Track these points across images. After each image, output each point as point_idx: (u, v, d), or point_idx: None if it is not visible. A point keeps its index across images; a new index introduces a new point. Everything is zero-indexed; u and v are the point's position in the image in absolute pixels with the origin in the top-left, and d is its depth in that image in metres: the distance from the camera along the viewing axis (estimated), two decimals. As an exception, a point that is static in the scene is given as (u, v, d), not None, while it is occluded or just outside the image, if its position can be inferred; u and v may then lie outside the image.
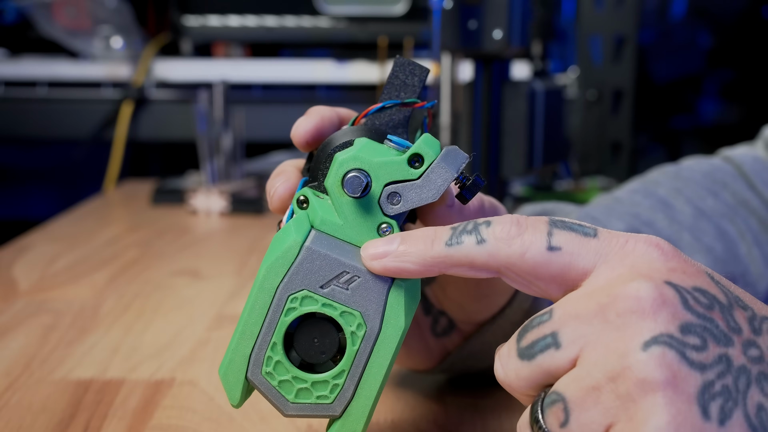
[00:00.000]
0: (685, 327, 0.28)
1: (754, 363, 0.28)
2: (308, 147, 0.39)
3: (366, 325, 0.34)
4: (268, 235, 0.88)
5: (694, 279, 0.30)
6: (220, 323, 0.61)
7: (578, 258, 0.31)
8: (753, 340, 0.29)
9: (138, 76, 1.29)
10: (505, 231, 0.31)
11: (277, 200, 0.38)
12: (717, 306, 0.29)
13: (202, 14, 1.33)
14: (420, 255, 0.33)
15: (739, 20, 1.62)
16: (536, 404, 0.30)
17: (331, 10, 1.30)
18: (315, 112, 0.39)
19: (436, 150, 0.35)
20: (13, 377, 0.50)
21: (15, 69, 1.32)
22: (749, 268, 0.55)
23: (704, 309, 0.29)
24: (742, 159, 0.59)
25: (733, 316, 0.29)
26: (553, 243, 0.31)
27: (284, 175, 0.39)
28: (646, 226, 0.54)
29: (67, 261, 0.78)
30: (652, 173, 0.61)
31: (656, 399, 0.27)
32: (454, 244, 0.32)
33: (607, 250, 0.31)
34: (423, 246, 0.33)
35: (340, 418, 0.35)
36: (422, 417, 0.45)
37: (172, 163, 1.52)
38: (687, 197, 0.56)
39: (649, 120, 1.55)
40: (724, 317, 0.29)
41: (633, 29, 1.19)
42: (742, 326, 0.29)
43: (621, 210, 0.56)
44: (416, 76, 0.38)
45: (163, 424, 0.44)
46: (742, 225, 0.55)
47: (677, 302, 0.29)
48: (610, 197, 0.59)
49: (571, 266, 0.31)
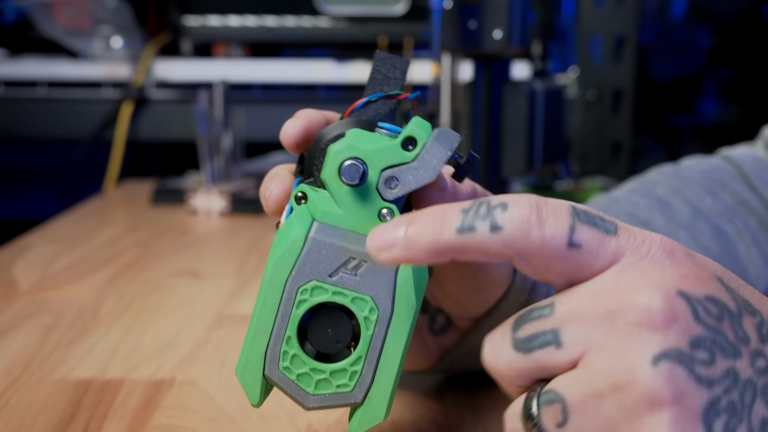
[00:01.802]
0: (695, 341, 0.28)
1: (760, 375, 0.28)
2: (298, 148, 0.39)
3: (378, 309, 0.34)
4: (268, 235, 0.88)
5: (707, 286, 0.29)
6: (220, 323, 0.61)
7: (596, 258, 0.29)
8: (760, 350, 0.29)
9: (138, 76, 1.29)
10: (524, 218, 0.29)
11: (272, 202, 0.38)
12: (727, 316, 0.29)
13: (202, 14, 1.33)
14: (430, 242, 0.30)
15: (739, 20, 1.62)
16: (530, 399, 0.29)
17: (331, 10, 1.30)
18: (302, 114, 0.39)
19: (428, 131, 0.35)
20: (13, 377, 0.50)
21: (15, 69, 1.32)
22: (747, 268, 0.55)
23: (714, 321, 0.28)
24: (741, 159, 0.59)
25: (742, 325, 0.29)
26: (575, 239, 0.29)
27: (278, 177, 0.39)
28: (643, 226, 0.54)
29: (67, 261, 0.78)
30: (650, 173, 0.61)
31: (662, 416, 0.27)
32: (465, 231, 0.30)
33: (623, 249, 0.30)
34: (431, 232, 0.30)
35: (362, 405, 0.35)
36: (422, 417, 0.45)
37: (172, 163, 1.52)
38: (685, 197, 0.56)
39: (649, 120, 1.55)
40: (734, 327, 0.29)
41: (633, 29, 1.19)
42: (750, 335, 0.29)
43: (618, 210, 0.56)
44: (398, 69, 0.38)
45: (163, 424, 0.44)
46: (741, 225, 0.55)
47: (688, 315, 0.28)
48: (607, 197, 0.59)
49: (587, 264, 0.30)
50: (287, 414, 0.45)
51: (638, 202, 0.56)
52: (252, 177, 1.11)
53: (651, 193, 0.57)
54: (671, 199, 0.56)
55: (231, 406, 0.46)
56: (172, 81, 1.33)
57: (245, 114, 1.08)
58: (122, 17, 1.33)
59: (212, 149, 1.03)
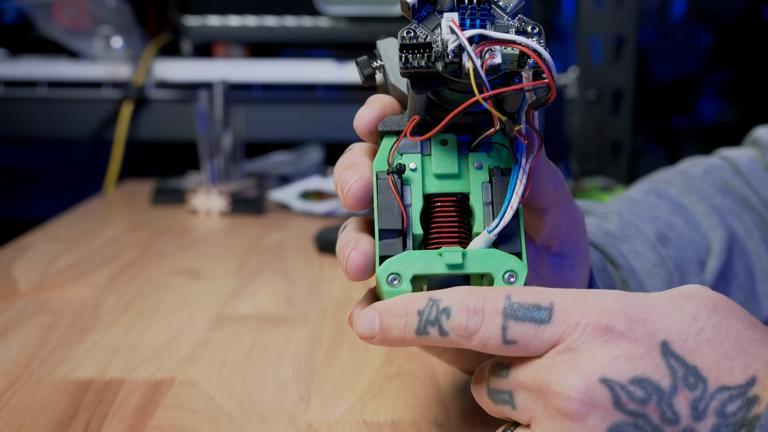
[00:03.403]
0: (613, 429, 0.29)
1: None
2: (372, 136, 0.38)
3: None
4: (269, 235, 0.88)
5: (639, 364, 0.30)
6: (220, 323, 0.61)
7: (532, 349, 0.31)
8: (690, 428, 0.29)
9: (138, 76, 1.29)
10: (461, 326, 0.32)
11: (351, 198, 0.36)
12: (654, 397, 0.29)
13: (202, 14, 1.33)
14: (399, 340, 0.34)
15: (739, 20, 1.62)
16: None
17: (331, 10, 1.30)
18: (376, 99, 0.38)
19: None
20: (13, 377, 0.50)
21: (15, 69, 1.32)
22: (755, 267, 0.55)
23: (637, 405, 0.29)
24: (738, 158, 0.59)
25: (672, 405, 0.29)
26: (508, 337, 0.31)
27: (356, 168, 0.37)
28: (667, 229, 0.54)
29: (67, 261, 0.78)
30: (658, 173, 0.61)
31: None
32: (421, 334, 0.33)
33: (558, 334, 0.31)
34: (399, 333, 0.33)
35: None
36: (422, 417, 0.45)
37: (172, 163, 1.52)
38: (699, 196, 0.56)
39: (649, 120, 1.55)
40: (660, 409, 0.29)
41: (633, 29, 1.19)
42: (680, 414, 0.29)
43: (641, 212, 0.55)
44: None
45: (163, 424, 0.44)
46: (750, 223, 0.56)
47: (608, 403, 0.29)
48: (626, 198, 0.58)
49: (527, 352, 0.32)
50: (287, 414, 0.45)
51: (659, 205, 0.56)
52: (252, 177, 1.11)
53: (667, 195, 0.57)
54: (685, 199, 0.56)
55: (231, 406, 0.46)
56: (172, 81, 1.33)
57: (245, 114, 1.09)
58: (122, 17, 1.33)
59: (212, 149, 1.04)
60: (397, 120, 0.37)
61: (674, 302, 0.31)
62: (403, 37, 0.32)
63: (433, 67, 0.32)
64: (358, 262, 0.35)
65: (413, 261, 0.34)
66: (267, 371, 0.51)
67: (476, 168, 0.36)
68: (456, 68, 0.32)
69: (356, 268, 0.35)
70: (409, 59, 0.32)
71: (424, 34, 0.32)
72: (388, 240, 0.35)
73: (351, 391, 0.48)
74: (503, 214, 0.34)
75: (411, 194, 0.35)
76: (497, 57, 0.31)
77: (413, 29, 0.32)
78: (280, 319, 0.62)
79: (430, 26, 0.33)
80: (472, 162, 0.36)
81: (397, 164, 0.35)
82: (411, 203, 0.35)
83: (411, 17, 0.33)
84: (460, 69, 0.32)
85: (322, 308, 0.64)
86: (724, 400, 0.29)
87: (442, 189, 0.36)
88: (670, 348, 0.30)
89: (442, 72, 0.32)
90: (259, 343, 0.56)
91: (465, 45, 0.31)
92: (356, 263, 0.35)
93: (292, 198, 1.04)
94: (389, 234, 0.35)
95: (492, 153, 0.36)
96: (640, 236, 0.52)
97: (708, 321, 0.31)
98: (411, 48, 0.32)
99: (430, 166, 0.36)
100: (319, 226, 0.89)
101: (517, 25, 0.32)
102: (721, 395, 0.30)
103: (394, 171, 0.35)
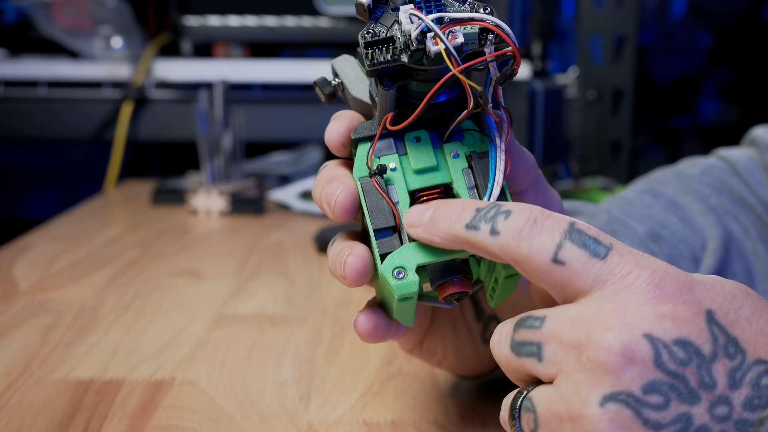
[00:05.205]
0: (649, 386, 0.29)
1: (718, 422, 0.29)
2: (344, 149, 0.38)
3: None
4: (269, 235, 0.88)
5: (684, 326, 0.29)
6: (220, 323, 0.61)
7: (577, 279, 0.31)
8: (725, 396, 0.29)
9: (138, 76, 1.29)
10: (518, 228, 0.31)
11: (339, 208, 0.36)
12: (695, 360, 0.29)
13: (202, 14, 1.33)
14: (444, 230, 0.33)
15: (739, 20, 1.62)
16: (516, 400, 0.32)
17: (331, 10, 1.30)
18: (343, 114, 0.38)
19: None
20: (13, 377, 0.50)
21: (15, 69, 1.32)
22: (753, 266, 0.55)
23: (677, 365, 0.29)
24: (735, 158, 0.59)
25: (710, 371, 0.29)
26: (559, 256, 0.31)
27: (337, 180, 0.37)
28: (660, 227, 0.54)
29: (67, 261, 0.78)
30: (654, 173, 0.61)
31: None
32: (471, 229, 0.32)
33: (607, 276, 0.30)
34: (447, 222, 0.33)
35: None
36: (422, 417, 0.45)
37: (172, 163, 1.52)
38: (695, 195, 0.56)
39: (649, 120, 1.55)
40: (699, 373, 0.29)
41: (633, 29, 1.19)
42: (718, 381, 0.29)
43: (634, 211, 0.55)
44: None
45: (163, 424, 0.44)
46: (747, 222, 0.56)
47: (648, 359, 0.29)
48: (620, 198, 0.58)
49: (569, 283, 0.31)
50: (287, 414, 0.45)
51: (653, 204, 0.56)
52: (252, 177, 1.11)
53: (662, 194, 0.57)
54: (681, 198, 0.56)
55: (231, 406, 0.46)
56: (172, 81, 1.32)
57: (245, 114, 1.08)
58: (122, 17, 1.33)
59: (212, 149, 1.04)
60: (368, 125, 0.37)
61: (716, 281, 0.32)
62: (364, 36, 0.33)
63: (398, 60, 0.33)
64: (356, 266, 0.35)
65: (414, 252, 0.34)
66: (267, 371, 0.51)
67: (453, 157, 0.36)
68: (421, 56, 0.33)
69: (354, 272, 0.35)
70: (375, 55, 0.33)
71: (384, 30, 0.33)
72: (385, 238, 0.35)
73: (351, 391, 0.48)
74: (491, 190, 0.35)
75: (396, 193, 0.36)
76: (459, 37, 0.32)
77: (371, 29, 0.33)
78: (280, 319, 0.62)
79: (387, 24, 0.34)
80: (448, 152, 0.36)
81: (378, 165, 0.36)
82: (398, 201, 0.36)
83: (367, 18, 0.34)
84: (426, 57, 0.33)
85: (322, 308, 0.64)
86: (761, 373, 0.30)
87: (424, 183, 0.36)
88: (714, 317, 0.30)
89: (408, 63, 0.33)
90: (259, 343, 0.56)
91: (430, 25, 0.32)
92: (354, 267, 0.35)
93: (292, 198, 1.04)
94: (384, 232, 0.35)
95: (465, 140, 0.37)
96: (627, 232, 0.52)
97: (745, 301, 0.31)
98: (374, 45, 0.33)
99: (409, 163, 0.36)
100: (319, 226, 0.89)
101: (469, 9, 0.34)
102: (758, 368, 0.30)
103: (376, 172, 0.36)
